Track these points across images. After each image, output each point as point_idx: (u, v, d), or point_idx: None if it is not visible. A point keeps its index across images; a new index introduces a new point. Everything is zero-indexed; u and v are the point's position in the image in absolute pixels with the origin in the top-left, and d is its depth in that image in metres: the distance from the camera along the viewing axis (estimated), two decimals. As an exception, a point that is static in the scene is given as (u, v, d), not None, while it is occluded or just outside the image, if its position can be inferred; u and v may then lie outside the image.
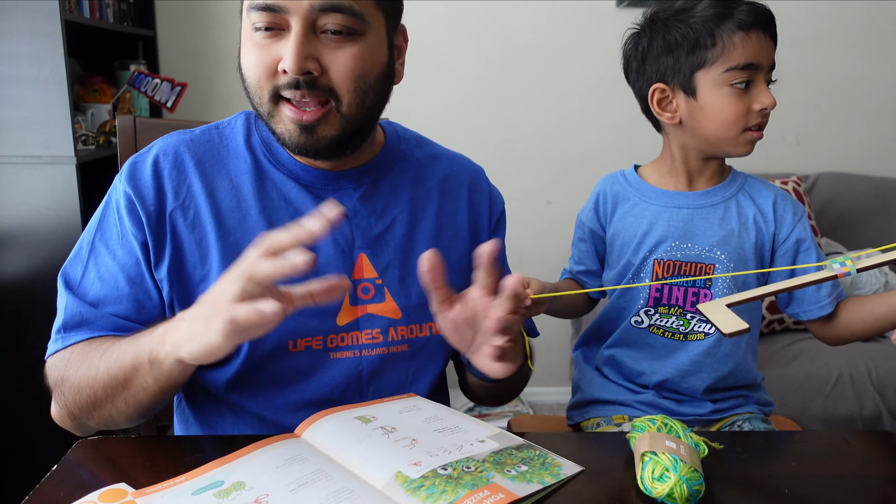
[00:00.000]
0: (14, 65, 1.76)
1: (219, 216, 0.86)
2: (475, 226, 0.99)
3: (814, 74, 2.53)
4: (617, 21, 2.47)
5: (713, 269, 1.03)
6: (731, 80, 0.98)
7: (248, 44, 0.82)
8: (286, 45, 0.79)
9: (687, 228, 1.04)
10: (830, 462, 0.75)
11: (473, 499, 0.60)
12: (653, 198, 1.08)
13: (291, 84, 0.80)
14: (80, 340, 0.83)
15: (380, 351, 0.89)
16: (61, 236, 1.82)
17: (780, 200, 1.07)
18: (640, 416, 1.07)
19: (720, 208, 1.05)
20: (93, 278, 0.86)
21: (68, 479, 0.69)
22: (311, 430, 0.75)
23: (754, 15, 0.97)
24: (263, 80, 0.81)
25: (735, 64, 0.97)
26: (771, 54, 1.00)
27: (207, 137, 0.91)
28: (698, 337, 1.06)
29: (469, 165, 1.03)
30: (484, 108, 2.51)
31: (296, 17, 0.78)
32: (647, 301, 1.06)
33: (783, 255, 1.06)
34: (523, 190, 2.51)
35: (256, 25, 0.80)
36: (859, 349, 2.00)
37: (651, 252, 1.05)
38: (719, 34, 0.97)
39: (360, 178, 0.92)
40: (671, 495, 0.63)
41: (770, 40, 1.00)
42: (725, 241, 1.03)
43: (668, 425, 0.71)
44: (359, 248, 0.90)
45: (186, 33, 2.44)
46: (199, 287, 0.85)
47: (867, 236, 2.40)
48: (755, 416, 1.08)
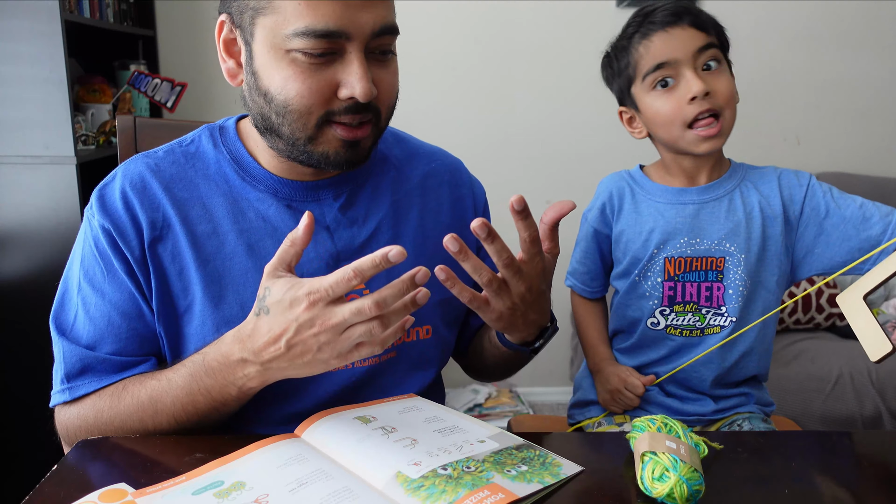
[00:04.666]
0: (14, 65, 1.76)
1: (196, 244, 0.84)
2: (461, 220, 0.98)
3: (814, 74, 2.53)
4: (617, 21, 2.45)
5: (724, 262, 1.04)
6: (652, 84, 1.03)
7: (288, 68, 0.76)
8: (347, 71, 0.76)
9: (694, 224, 1.05)
10: (830, 462, 0.75)
11: (473, 499, 0.60)
12: (658, 195, 1.08)
13: (351, 109, 0.78)
14: (90, 392, 0.82)
15: (371, 361, 0.88)
16: (61, 236, 1.82)
17: (783, 179, 1.07)
18: (641, 416, 1.08)
19: (724, 201, 1.06)
20: (84, 321, 0.84)
21: (68, 479, 0.69)
22: (311, 430, 0.75)
23: (656, 17, 1.03)
24: (316, 106, 0.77)
25: (648, 69, 1.02)
26: (689, 42, 1.01)
27: (172, 159, 0.88)
28: (714, 330, 1.05)
29: (448, 160, 1.02)
30: (484, 108, 2.51)
31: (358, 41, 0.75)
32: (661, 300, 1.06)
33: (805, 229, 1.04)
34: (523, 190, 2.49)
35: (308, 51, 0.75)
36: (859, 349, 1.98)
37: (660, 249, 1.05)
38: (629, 49, 1.05)
39: (340, 186, 0.90)
40: (671, 495, 0.63)
41: (685, 28, 1.01)
42: (734, 232, 1.04)
43: (668, 425, 0.71)
44: (343, 259, 0.87)
45: (186, 33, 2.45)
46: (184, 317, 0.84)
47: (867, 236, 2.40)
48: (755, 415, 1.08)
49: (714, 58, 1.01)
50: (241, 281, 0.84)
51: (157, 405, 0.79)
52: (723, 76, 1.02)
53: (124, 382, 0.82)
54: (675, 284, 1.05)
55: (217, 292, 0.84)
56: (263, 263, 0.83)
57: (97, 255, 0.84)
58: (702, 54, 1.01)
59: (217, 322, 0.83)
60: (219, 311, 0.83)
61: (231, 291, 0.84)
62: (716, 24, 1.04)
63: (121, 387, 0.82)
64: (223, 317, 0.83)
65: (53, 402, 0.85)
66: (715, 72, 1.02)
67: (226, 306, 0.84)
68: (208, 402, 0.78)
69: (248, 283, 0.84)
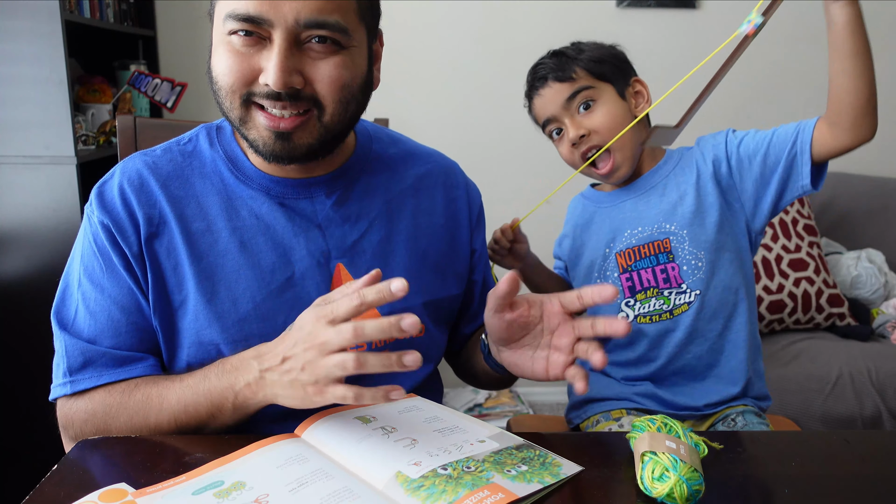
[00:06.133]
0: (14, 65, 1.76)
1: (190, 241, 0.85)
2: (454, 221, 0.98)
3: (814, 74, 2.53)
4: (617, 21, 2.47)
5: (669, 243, 1.08)
6: (549, 135, 1.15)
7: (221, 48, 0.79)
8: (268, 58, 0.77)
9: (633, 215, 1.11)
10: (830, 462, 0.75)
11: (473, 499, 0.60)
12: (605, 202, 1.17)
13: (270, 95, 0.78)
14: (91, 387, 0.83)
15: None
16: (61, 236, 1.82)
17: (702, 145, 1.11)
18: (636, 408, 1.09)
19: (659, 187, 1.11)
20: (85, 315, 0.85)
21: (68, 479, 0.69)
22: (311, 430, 0.75)
23: (531, 81, 1.14)
24: (238, 85, 0.79)
25: (541, 125, 1.14)
26: (557, 97, 1.09)
27: (169, 157, 0.89)
28: (683, 309, 1.08)
29: (443, 162, 1.02)
30: (484, 109, 2.51)
31: (280, 30, 0.76)
32: (623, 293, 1.11)
33: (741, 181, 1.07)
34: (523, 190, 2.51)
35: (233, 32, 0.77)
36: (859, 349, 2.00)
37: (610, 248, 1.12)
38: (529, 109, 1.17)
39: (333, 183, 0.90)
40: (671, 495, 0.63)
41: (551, 86, 1.09)
42: (670, 212, 1.09)
43: (668, 425, 0.71)
44: (335, 258, 0.88)
45: (186, 33, 2.45)
46: (178, 312, 0.85)
47: (867, 236, 2.40)
48: (749, 409, 1.09)
49: (587, 99, 1.08)
50: (233, 277, 0.85)
51: (163, 402, 0.80)
52: (598, 112, 1.08)
53: (136, 381, 0.83)
54: (632, 274, 1.10)
55: (210, 288, 0.85)
56: (255, 260, 0.85)
57: (96, 251, 0.85)
58: (572, 102, 1.09)
59: (209, 317, 0.84)
60: (211, 307, 0.84)
61: (223, 287, 0.85)
62: (589, 59, 1.09)
63: (133, 384, 0.83)
64: (216, 312, 0.84)
65: (54, 395, 0.85)
66: (590, 111, 1.08)
67: (218, 302, 0.84)
68: (208, 405, 0.78)
69: (241, 279, 0.85)
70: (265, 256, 0.86)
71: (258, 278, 0.85)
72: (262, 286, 0.85)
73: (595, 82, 1.09)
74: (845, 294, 2.24)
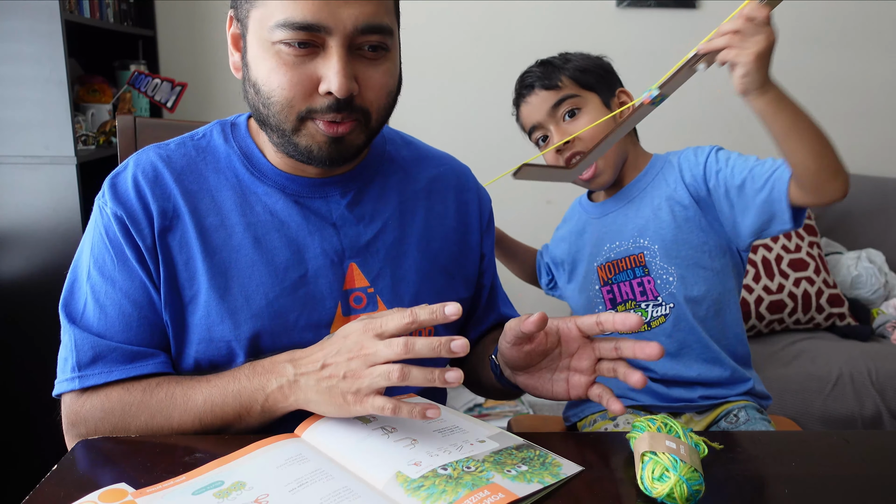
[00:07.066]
0: (14, 65, 1.76)
1: (204, 235, 0.84)
2: (464, 225, 0.98)
3: (814, 74, 2.53)
4: (617, 21, 2.47)
5: (643, 257, 1.10)
6: (536, 142, 1.18)
7: (270, 58, 0.77)
8: (325, 66, 0.76)
9: (612, 229, 1.14)
10: (830, 462, 0.75)
11: (473, 499, 0.60)
12: (593, 212, 1.19)
13: (332, 107, 0.78)
14: (100, 383, 0.81)
15: None
16: (61, 236, 1.83)
17: (682, 161, 1.11)
18: (633, 404, 1.10)
19: (635, 202, 1.13)
20: (94, 309, 0.83)
21: (68, 479, 0.69)
22: (311, 430, 0.75)
23: (519, 89, 1.16)
24: (297, 100, 0.78)
25: (528, 133, 1.18)
26: (542, 105, 1.12)
27: (184, 151, 0.89)
28: (660, 321, 1.09)
29: (456, 165, 1.03)
30: (484, 109, 2.51)
31: (338, 36, 0.75)
32: (605, 306, 1.14)
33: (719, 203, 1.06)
34: (523, 190, 2.50)
35: (287, 41, 0.76)
36: (859, 349, 2.00)
37: (594, 262, 1.15)
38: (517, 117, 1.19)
39: (348, 184, 0.90)
40: (671, 495, 0.63)
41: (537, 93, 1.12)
42: (644, 228, 1.11)
43: (668, 425, 0.71)
44: (349, 257, 0.88)
45: (186, 33, 2.44)
46: (189, 307, 0.84)
47: (867, 236, 2.40)
48: (751, 405, 1.09)
49: (572, 107, 1.11)
50: (246, 273, 0.85)
51: (189, 402, 0.79)
52: (582, 120, 1.10)
53: (158, 379, 0.82)
54: (612, 287, 1.13)
55: (222, 283, 0.84)
56: (269, 256, 0.85)
57: (108, 244, 0.84)
58: (557, 109, 1.11)
59: (221, 313, 0.83)
60: (224, 303, 0.83)
61: (236, 283, 0.84)
62: (575, 68, 1.12)
63: (154, 383, 0.81)
64: (228, 308, 0.83)
65: (60, 391, 0.83)
66: (575, 119, 1.11)
67: (231, 298, 0.84)
68: (236, 405, 0.78)
69: (254, 275, 0.85)
70: (279, 253, 0.85)
71: (272, 275, 0.85)
72: (275, 283, 0.85)
73: (580, 91, 1.11)
74: (845, 294, 2.24)
